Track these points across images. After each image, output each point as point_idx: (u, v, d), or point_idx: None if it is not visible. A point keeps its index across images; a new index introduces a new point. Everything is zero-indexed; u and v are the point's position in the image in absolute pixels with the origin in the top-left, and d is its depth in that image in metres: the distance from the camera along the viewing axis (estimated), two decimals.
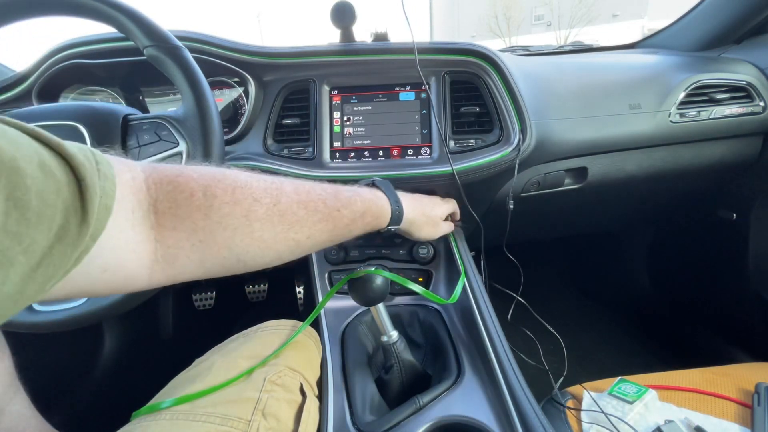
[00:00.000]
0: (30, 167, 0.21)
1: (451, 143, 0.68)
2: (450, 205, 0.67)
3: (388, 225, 0.50)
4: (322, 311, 0.64)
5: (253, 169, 0.40)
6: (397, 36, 0.71)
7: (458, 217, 0.72)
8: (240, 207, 0.35)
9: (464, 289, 0.62)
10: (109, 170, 0.28)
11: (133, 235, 0.30)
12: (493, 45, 0.78)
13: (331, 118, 0.71)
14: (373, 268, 0.49)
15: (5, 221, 0.19)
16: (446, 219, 0.67)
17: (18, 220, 0.20)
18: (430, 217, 0.59)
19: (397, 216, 0.51)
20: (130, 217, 0.29)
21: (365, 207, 0.46)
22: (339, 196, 0.43)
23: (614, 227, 1.30)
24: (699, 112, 0.80)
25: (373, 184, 0.52)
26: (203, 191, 0.33)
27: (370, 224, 0.47)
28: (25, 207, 0.20)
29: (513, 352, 0.53)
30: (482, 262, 0.73)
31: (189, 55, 0.53)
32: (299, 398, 0.45)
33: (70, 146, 0.25)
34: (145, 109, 0.79)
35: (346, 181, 0.59)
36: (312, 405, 0.47)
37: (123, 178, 0.29)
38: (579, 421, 0.52)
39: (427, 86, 0.69)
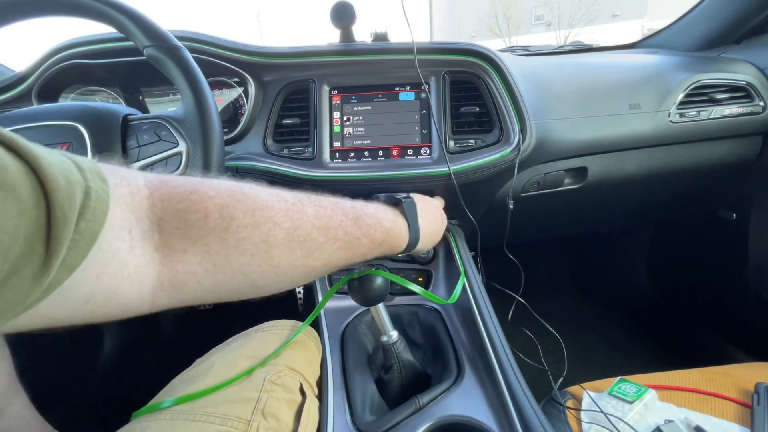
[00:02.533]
0: None
1: (451, 143, 0.68)
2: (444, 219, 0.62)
3: (401, 252, 0.48)
4: (321, 311, 0.64)
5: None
6: (397, 36, 0.71)
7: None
8: (259, 231, 0.32)
9: (464, 289, 0.62)
10: (102, 189, 0.24)
11: (131, 259, 0.27)
12: (493, 45, 0.78)
13: (331, 118, 0.71)
14: (372, 269, 0.49)
15: None
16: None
17: None
18: (434, 240, 0.56)
19: (412, 245, 0.48)
20: (126, 238, 0.26)
21: (384, 237, 0.43)
22: (359, 224, 0.41)
23: (614, 227, 1.30)
24: (699, 112, 0.80)
25: (397, 205, 0.48)
26: (220, 212, 0.30)
27: (386, 252, 0.46)
28: None
29: (513, 352, 0.53)
30: (479, 263, 0.74)
31: (189, 55, 0.53)
32: (299, 398, 0.45)
33: (51, 160, 0.21)
34: (145, 109, 0.79)
35: (355, 189, 0.57)
36: (312, 405, 0.47)
37: (119, 193, 0.26)
38: (579, 421, 0.52)
39: (426, 86, 0.70)
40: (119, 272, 0.26)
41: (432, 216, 0.54)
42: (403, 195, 0.50)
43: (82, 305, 0.24)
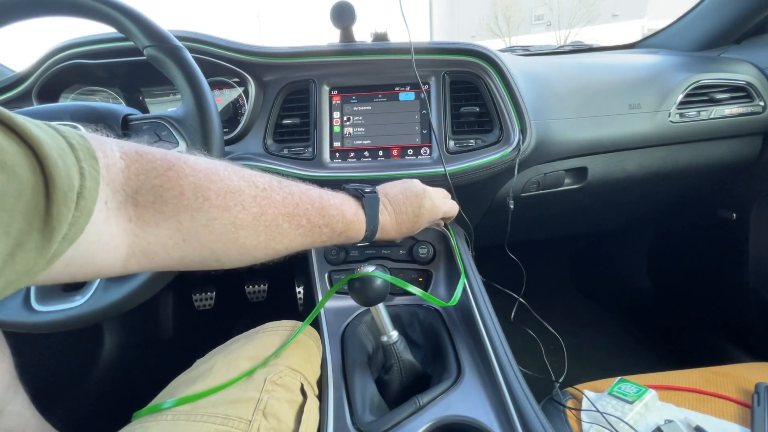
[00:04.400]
0: None
1: (451, 143, 0.68)
2: (443, 209, 0.60)
3: (361, 241, 0.51)
4: (321, 311, 0.64)
5: (251, 169, 0.39)
6: (398, 36, 0.71)
7: (453, 215, 0.65)
8: (229, 213, 0.34)
9: (464, 289, 0.62)
10: (94, 168, 0.26)
11: (107, 228, 0.28)
12: (493, 45, 0.78)
13: (331, 118, 0.71)
14: (372, 269, 0.49)
15: None
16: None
17: None
18: (402, 232, 0.55)
19: (370, 237, 0.50)
20: (102, 208, 0.28)
21: (344, 228, 0.46)
22: (323, 214, 0.43)
23: (614, 227, 1.30)
24: (699, 112, 0.80)
25: (361, 201, 0.49)
26: (194, 192, 0.32)
27: (343, 241, 0.48)
28: None
29: (513, 352, 0.53)
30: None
31: (189, 55, 0.53)
32: (300, 398, 0.45)
33: (50, 143, 0.23)
34: (145, 109, 0.79)
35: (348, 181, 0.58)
36: (312, 405, 0.47)
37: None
38: (579, 421, 0.52)
39: (426, 86, 0.69)
40: (96, 240, 0.27)
41: (407, 207, 0.54)
42: (369, 189, 0.51)
43: (63, 268, 0.26)
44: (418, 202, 0.55)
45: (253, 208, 0.36)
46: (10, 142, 0.21)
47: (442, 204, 0.60)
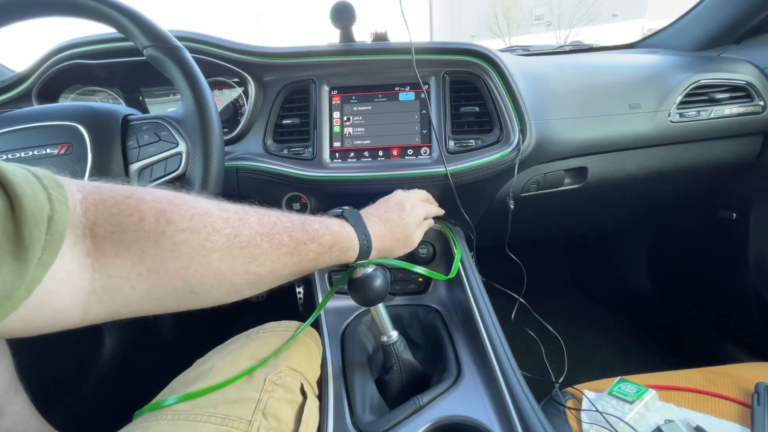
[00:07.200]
0: None
1: (451, 143, 0.68)
2: (424, 208, 0.60)
3: (357, 259, 0.48)
4: (322, 311, 0.64)
5: (213, 197, 0.37)
6: (398, 36, 0.71)
7: (437, 213, 0.66)
8: (197, 235, 0.32)
9: (464, 289, 0.62)
10: (61, 194, 0.26)
11: (62, 263, 0.26)
12: (493, 45, 0.78)
13: (331, 118, 0.71)
14: (372, 269, 0.49)
15: None
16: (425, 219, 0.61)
17: None
18: (400, 239, 0.54)
19: (366, 250, 0.48)
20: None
21: (333, 240, 0.43)
22: (306, 228, 0.41)
23: (614, 227, 1.30)
24: (699, 111, 0.80)
25: (342, 215, 0.49)
26: (155, 216, 0.30)
27: (338, 258, 0.45)
28: None
29: (513, 352, 0.53)
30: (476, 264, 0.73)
31: (188, 56, 0.53)
32: (300, 398, 0.45)
33: (14, 170, 0.23)
34: (145, 110, 0.79)
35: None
36: (312, 405, 0.47)
37: None
38: (579, 421, 0.52)
39: (426, 86, 0.69)
40: (51, 275, 0.25)
41: (390, 212, 0.54)
42: (339, 210, 0.50)
43: (19, 311, 0.24)
44: (398, 206, 0.56)
45: (225, 229, 0.33)
46: None
47: (420, 201, 0.60)
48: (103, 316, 0.30)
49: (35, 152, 0.50)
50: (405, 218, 0.54)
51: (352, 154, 0.70)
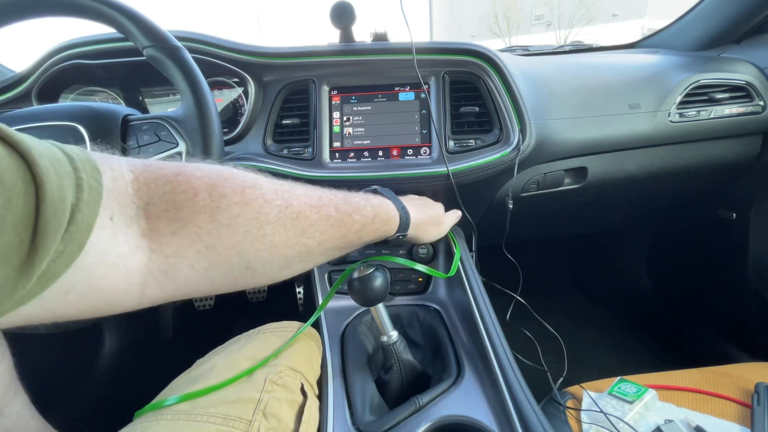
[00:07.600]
0: None
1: (451, 143, 0.68)
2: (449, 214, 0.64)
3: (397, 232, 0.49)
4: (322, 311, 0.64)
5: (257, 170, 0.37)
6: (398, 36, 0.71)
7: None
8: (251, 208, 0.31)
9: (464, 289, 0.62)
10: (95, 179, 0.24)
11: (114, 247, 0.25)
12: (493, 45, 0.78)
13: (331, 118, 0.71)
14: (372, 269, 0.49)
15: None
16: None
17: None
18: (433, 217, 0.58)
19: (405, 222, 0.49)
20: (106, 225, 0.25)
21: (375, 212, 0.44)
22: (349, 200, 0.41)
23: (614, 227, 1.30)
24: (699, 111, 0.80)
25: (376, 191, 0.50)
26: (209, 191, 0.30)
27: (379, 231, 0.45)
28: None
29: (513, 352, 0.53)
30: (477, 263, 0.74)
31: (188, 56, 0.53)
32: (300, 398, 0.45)
33: (42, 151, 0.21)
34: (144, 110, 0.79)
35: (349, 186, 0.59)
36: (313, 405, 0.47)
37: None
38: (579, 421, 0.52)
39: (426, 86, 0.69)
40: (100, 261, 0.24)
41: (421, 205, 0.56)
42: (371, 188, 0.53)
43: (62, 297, 0.23)
44: (431, 203, 0.60)
45: (276, 200, 0.34)
46: (0, 149, 0.19)
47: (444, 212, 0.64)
48: (160, 298, 0.29)
49: None
50: (434, 205, 0.59)
51: (352, 154, 0.70)
